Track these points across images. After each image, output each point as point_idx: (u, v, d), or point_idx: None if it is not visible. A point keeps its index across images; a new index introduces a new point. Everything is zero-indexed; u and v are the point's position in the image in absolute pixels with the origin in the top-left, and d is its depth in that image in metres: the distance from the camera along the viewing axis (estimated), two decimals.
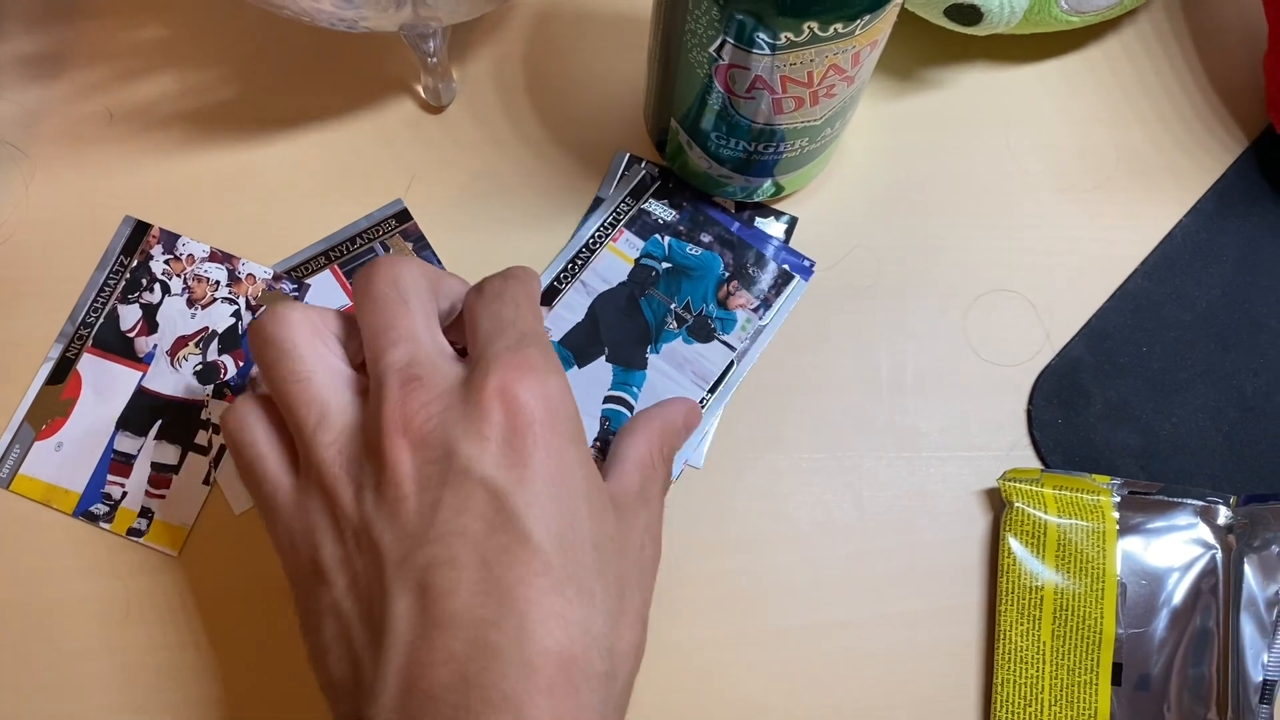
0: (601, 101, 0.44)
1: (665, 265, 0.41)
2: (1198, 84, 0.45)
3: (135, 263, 0.41)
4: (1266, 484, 0.41)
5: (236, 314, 0.41)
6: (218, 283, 0.41)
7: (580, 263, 0.40)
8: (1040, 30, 0.43)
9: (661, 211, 0.41)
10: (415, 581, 0.27)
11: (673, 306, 0.40)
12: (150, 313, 0.41)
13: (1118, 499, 0.39)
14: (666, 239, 0.41)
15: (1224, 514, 0.39)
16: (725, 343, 0.40)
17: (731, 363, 0.40)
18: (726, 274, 0.41)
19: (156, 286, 0.41)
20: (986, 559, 0.39)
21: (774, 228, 0.43)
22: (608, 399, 0.40)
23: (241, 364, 0.40)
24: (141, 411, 0.40)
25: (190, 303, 0.41)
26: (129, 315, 0.41)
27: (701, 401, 0.40)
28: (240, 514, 0.39)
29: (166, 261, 0.41)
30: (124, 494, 0.39)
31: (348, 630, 0.28)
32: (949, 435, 0.41)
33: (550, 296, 0.38)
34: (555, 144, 0.43)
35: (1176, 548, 0.39)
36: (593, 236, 0.41)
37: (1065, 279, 0.43)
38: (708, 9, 0.32)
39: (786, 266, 0.42)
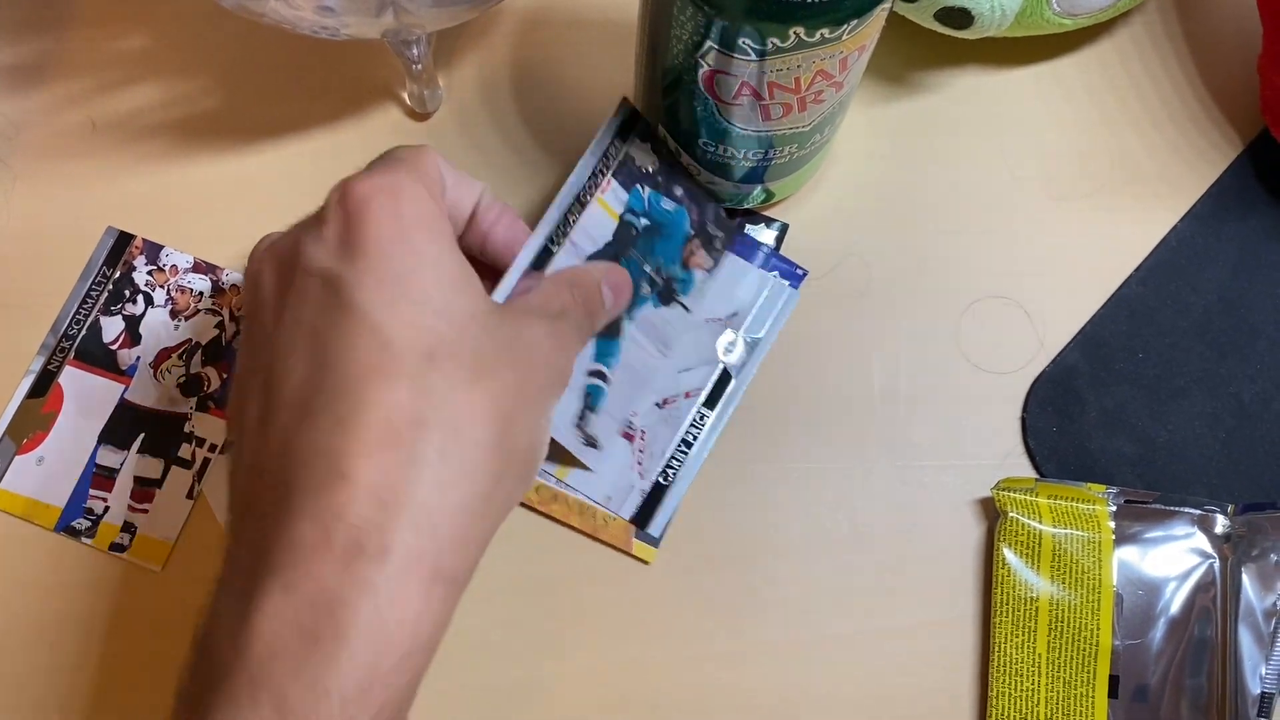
0: (590, 108, 0.43)
1: (644, 222, 0.39)
2: (1192, 87, 0.45)
3: (118, 274, 0.41)
4: (1264, 492, 0.40)
5: (220, 325, 0.40)
6: (201, 294, 0.41)
7: (572, 220, 0.37)
8: (1032, 33, 0.42)
9: (643, 157, 0.39)
10: (263, 380, 0.28)
11: (646, 268, 0.39)
12: (133, 324, 0.40)
13: (1113, 508, 0.39)
14: (647, 191, 0.39)
15: (1221, 523, 0.38)
16: (682, 304, 0.39)
17: (728, 377, 0.40)
18: (691, 231, 0.40)
19: (139, 298, 0.41)
20: (981, 570, 0.39)
21: (764, 235, 0.42)
22: (591, 373, 0.38)
23: (225, 376, 0.40)
24: (124, 425, 0.39)
25: (174, 314, 0.40)
26: (111, 327, 0.40)
27: (701, 417, 0.39)
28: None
29: (150, 272, 0.41)
30: (106, 509, 0.38)
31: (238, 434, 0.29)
32: (942, 444, 0.40)
33: (543, 261, 0.35)
34: (543, 150, 0.43)
35: (1174, 557, 0.38)
36: (584, 189, 0.37)
37: (1059, 285, 0.42)
38: (693, 15, 0.31)
39: (776, 273, 0.41)
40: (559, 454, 0.38)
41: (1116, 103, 0.45)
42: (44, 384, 0.39)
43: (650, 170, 0.39)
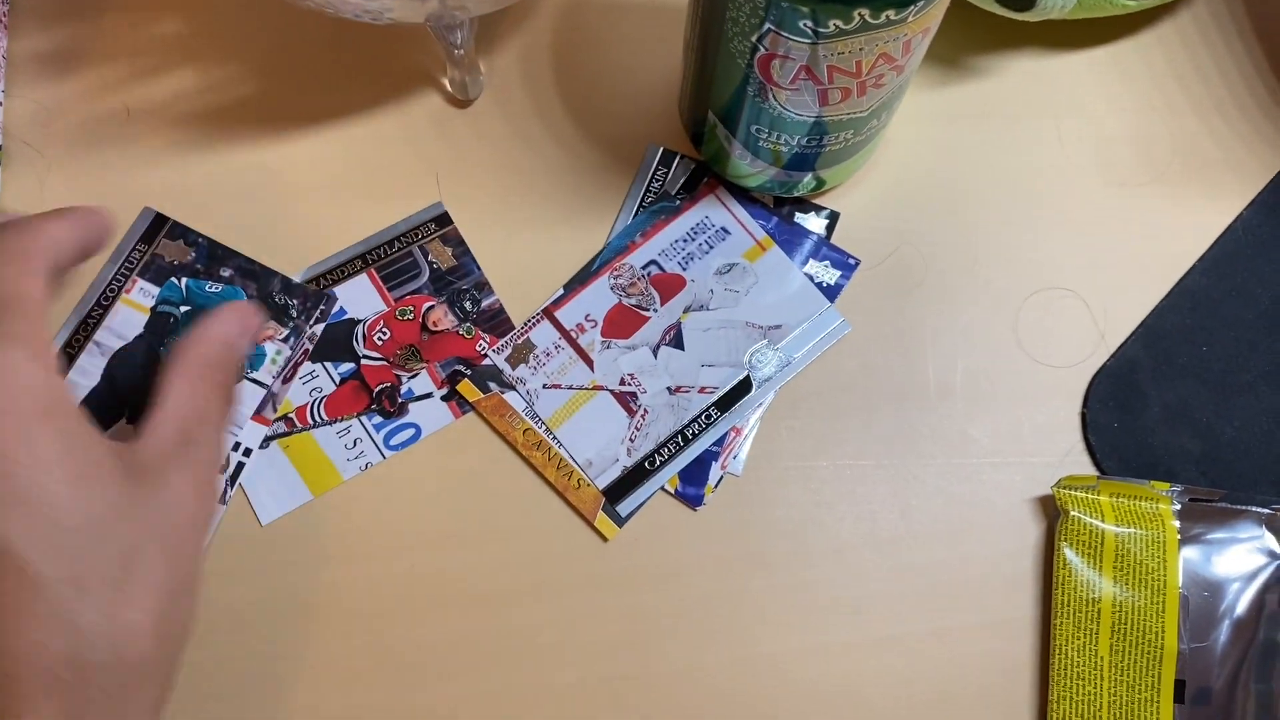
0: (634, 94, 0.42)
1: (185, 309, 0.38)
2: (1257, 70, 0.43)
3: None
4: None
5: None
6: None
7: (93, 322, 0.38)
8: (1094, 15, 0.41)
9: (175, 253, 0.38)
10: None
11: None
12: None
13: (1178, 506, 0.37)
14: (183, 280, 0.39)
15: None
16: (255, 380, 0.38)
17: (748, 385, 0.39)
18: None
19: None
20: (1040, 570, 0.38)
21: (814, 223, 0.41)
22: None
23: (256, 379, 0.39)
24: None
25: None
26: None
27: (708, 417, 0.38)
28: (268, 525, 0.37)
29: None
30: None
31: None
32: (1000, 441, 0.39)
33: (64, 364, 0.35)
34: (585, 139, 0.42)
35: (1240, 557, 0.37)
36: (103, 293, 0.38)
37: (1120, 276, 0.41)
38: None
39: (830, 264, 0.40)
40: (555, 407, 0.38)
41: (1179, 86, 0.43)
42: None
43: (188, 260, 0.38)
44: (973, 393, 0.40)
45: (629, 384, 0.38)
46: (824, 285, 0.40)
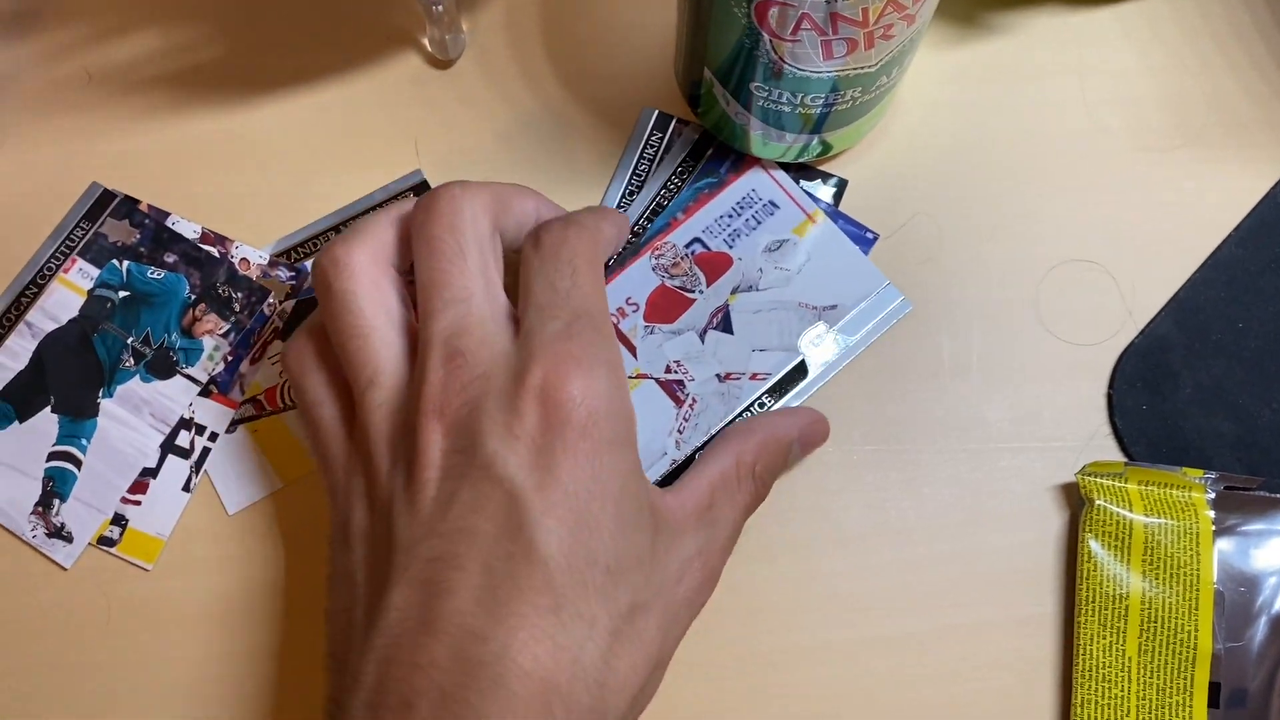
0: (626, 53, 0.40)
1: (124, 294, 0.36)
2: None
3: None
4: None
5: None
6: None
7: (26, 301, 0.36)
8: None
9: (119, 234, 0.36)
10: (417, 573, 0.27)
11: (130, 340, 0.36)
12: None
13: (1212, 495, 0.35)
14: (125, 264, 0.37)
15: None
16: (189, 376, 0.36)
17: (804, 370, 0.36)
18: (193, 296, 0.37)
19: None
20: (1063, 564, 0.36)
21: (821, 191, 0.38)
22: (53, 455, 0.35)
23: (229, 359, 0.36)
24: None
25: None
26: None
27: (761, 405, 0.36)
28: (235, 514, 0.35)
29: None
30: None
31: (353, 603, 0.28)
32: (1019, 424, 0.37)
33: None
34: (575, 102, 0.39)
35: (1279, 551, 0.35)
36: (40, 271, 0.36)
37: (1149, 248, 0.38)
38: None
39: (849, 235, 0.37)
40: None
41: (1213, 44, 0.40)
42: None
43: (132, 243, 0.36)
44: (990, 373, 0.37)
45: (675, 371, 0.36)
46: None
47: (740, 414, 0.36)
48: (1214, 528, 0.35)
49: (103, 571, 0.35)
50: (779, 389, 0.36)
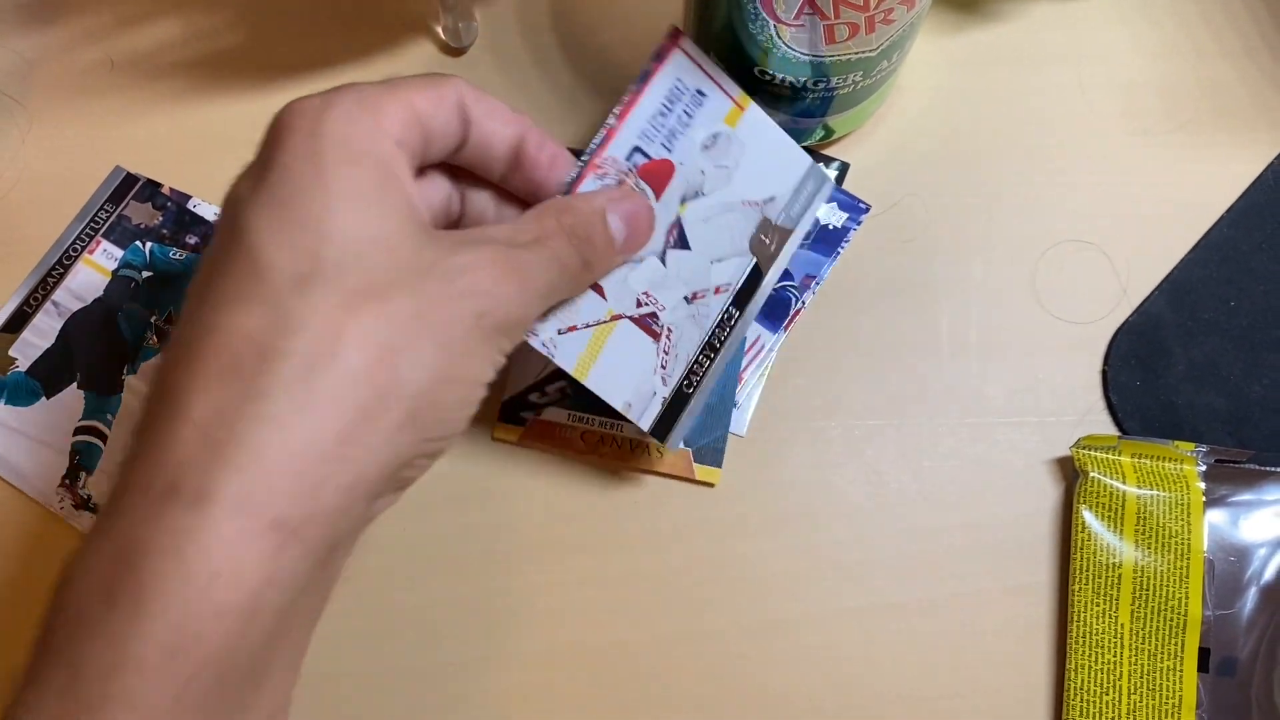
0: (634, 40, 0.41)
1: (147, 274, 0.37)
2: None
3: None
4: None
5: None
6: None
7: (52, 281, 0.37)
8: None
9: (142, 215, 0.37)
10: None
11: (154, 320, 0.37)
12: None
13: (1203, 468, 0.36)
14: (148, 245, 0.38)
15: None
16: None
17: (759, 275, 0.35)
18: None
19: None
20: (1058, 534, 0.36)
21: None
22: (79, 430, 0.36)
23: None
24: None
25: None
26: None
27: (731, 319, 0.35)
28: None
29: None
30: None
31: None
32: (1016, 399, 0.37)
33: (19, 322, 0.35)
34: (585, 88, 0.40)
35: (1267, 522, 0.36)
36: (66, 252, 0.37)
37: (1143, 229, 0.39)
38: None
39: (836, 204, 0.38)
40: (578, 353, 0.34)
41: (1207, 30, 0.41)
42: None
43: (154, 225, 0.37)
44: (988, 349, 0.38)
45: (646, 303, 0.35)
46: (830, 229, 0.38)
47: (712, 333, 0.35)
48: (1205, 499, 0.36)
49: None
50: (740, 300, 0.35)
